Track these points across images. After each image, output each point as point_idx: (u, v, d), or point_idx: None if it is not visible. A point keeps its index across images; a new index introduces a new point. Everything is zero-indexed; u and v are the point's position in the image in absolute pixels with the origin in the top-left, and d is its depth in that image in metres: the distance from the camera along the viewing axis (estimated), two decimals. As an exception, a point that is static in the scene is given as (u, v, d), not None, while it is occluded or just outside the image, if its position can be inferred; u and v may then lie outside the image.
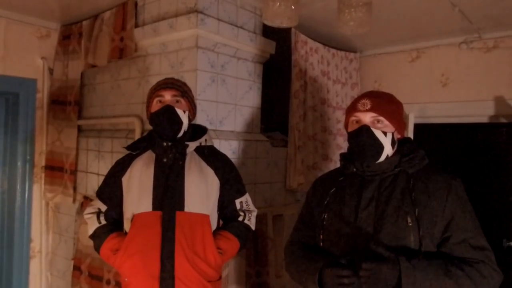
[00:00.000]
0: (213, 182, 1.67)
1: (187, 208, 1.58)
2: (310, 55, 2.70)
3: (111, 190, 1.71)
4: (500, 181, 2.61)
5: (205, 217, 1.62)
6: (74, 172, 2.79)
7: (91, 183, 2.67)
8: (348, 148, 1.45)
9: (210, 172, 1.67)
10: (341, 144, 2.98)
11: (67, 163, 2.80)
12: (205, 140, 1.71)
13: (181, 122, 1.63)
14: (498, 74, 2.63)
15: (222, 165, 1.73)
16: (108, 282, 2.36)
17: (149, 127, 2.31)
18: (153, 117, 1.64)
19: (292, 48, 2.58)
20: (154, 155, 1.66)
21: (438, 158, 1.37)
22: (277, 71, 2.74)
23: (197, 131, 1.74)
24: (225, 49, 2.23)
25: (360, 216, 1.31)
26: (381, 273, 1.16)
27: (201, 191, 1.63)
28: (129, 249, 1.56)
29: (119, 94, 2.57)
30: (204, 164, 1.68)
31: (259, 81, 2.50)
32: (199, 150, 1.70)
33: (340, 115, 2.99)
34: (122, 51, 2.36)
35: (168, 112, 1.60)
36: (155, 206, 1.58)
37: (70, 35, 2.84)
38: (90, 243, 2.49)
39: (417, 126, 2.90)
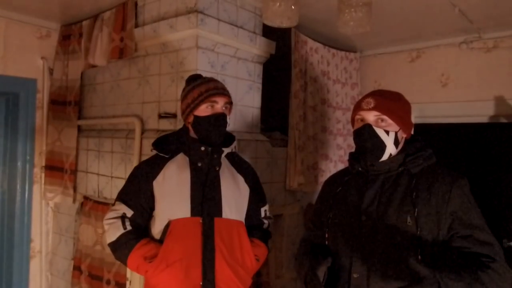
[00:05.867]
0: (244, 189, 1.66)
1: (224, 215, 1.55)
2: (310, 55, 2.70)
3: (139, 194, 1.58)
4: (500, 181, 2.61)
5: (241, 224, 1.60)
6: (74, 172, 2.78)
7: (91, 183, 2.67)
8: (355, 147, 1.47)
9: (241, 179, 1.66)
10: (341, 144, 2.98)
11: (67, 163, 2.80)
12: (235, 147, 1.69)
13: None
14: (498, 74, 2.63)
15: (250, 172, 1.73)
16: (108, 282, 2.35)
17: (149, 127, 2.32)
18: (203, 122, 1.55)
19: (292, 48, 2.58)
20: (187, 158, 1.59)
21: (438, 158, 1.38)
22: (277, 71, 2.74)
23: (226, 137, 1.68)
24: (225, 49, 2.23)
25: (363, 215, 1.32)
26: None
27: (235, 198, 1.61)
28: (170, 257, 1.47)
29: (119, 94, 2.57)
30: (235, 171, 1.66)
31: (259, 81, 2.50)
32: (228, 157, 1.67)
33: (340, 115, 2.99)
34: (122, 51, 2.36)
35: (223, 120, 1.56)
36: (194, 212, 1.51)
37: (70, 35, 2.84)
38: (90, 243, 2.52)
39: (416, 126, 2.89)
